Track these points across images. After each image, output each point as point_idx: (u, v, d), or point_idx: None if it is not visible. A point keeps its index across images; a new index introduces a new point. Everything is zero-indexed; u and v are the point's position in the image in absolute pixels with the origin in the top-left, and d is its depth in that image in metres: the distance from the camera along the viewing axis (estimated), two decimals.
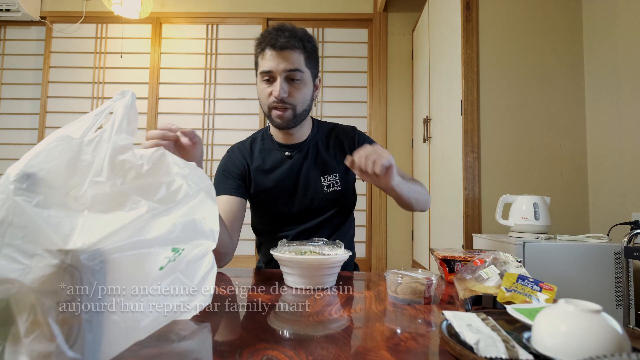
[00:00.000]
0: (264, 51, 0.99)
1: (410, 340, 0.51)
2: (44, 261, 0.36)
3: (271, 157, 1.10)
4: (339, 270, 0.84)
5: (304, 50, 1.01)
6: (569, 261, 1.38)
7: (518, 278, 0.63)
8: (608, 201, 1.72)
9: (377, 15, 3.01)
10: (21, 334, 0.35)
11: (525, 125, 1.87)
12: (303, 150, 1.10)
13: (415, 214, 2.81)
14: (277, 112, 1.01)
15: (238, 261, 2.82)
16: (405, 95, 2.99)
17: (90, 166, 0.45)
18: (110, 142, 0.46)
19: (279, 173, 1.09)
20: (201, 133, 2.97)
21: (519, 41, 1.90)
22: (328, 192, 1.08)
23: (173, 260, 0.50)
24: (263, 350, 0.46)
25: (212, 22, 3.04)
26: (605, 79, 1.76)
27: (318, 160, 1.10)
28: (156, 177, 0.49)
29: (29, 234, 0.37)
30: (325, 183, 1.09)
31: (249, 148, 1.14)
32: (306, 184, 1.09)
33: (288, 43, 0.97)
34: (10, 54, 3.10)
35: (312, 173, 1.09)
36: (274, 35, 0.98)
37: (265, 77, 1.01)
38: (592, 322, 0.40)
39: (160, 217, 0.47)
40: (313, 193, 1.08)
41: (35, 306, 0.36)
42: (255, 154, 1.12)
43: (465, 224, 1.82)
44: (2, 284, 0.35)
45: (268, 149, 1.12)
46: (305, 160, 1.10)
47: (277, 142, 1.12)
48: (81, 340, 0.39)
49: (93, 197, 0.43)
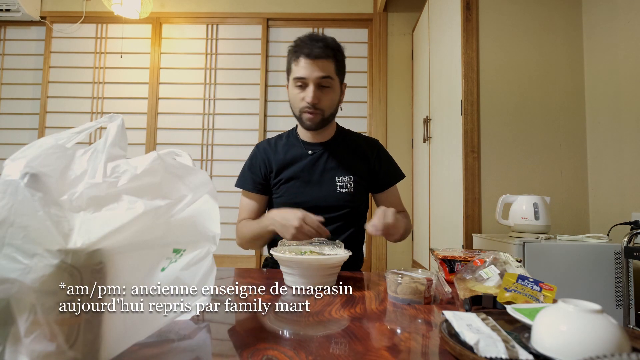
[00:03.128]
0: (299, 59, 1.08)
1: (410, 340, 0.51)
2: (44, 261, 0.36)
3: (293, 151, 1.20)
4: (339, 270, 0.84)
5: (334, 59, 1.10)
6: (569, 261, 1.38)
7: (518, 278, 0.63)
8: (608, 201, 1.72)
9: (377, 15, 3.01)
10: (21, 334, 0.35)
11: (525, 125, 1.87)
12: (324, 149, 1.19)
13: (415, 214, 2.82)
14: (308, 115, 1.10)
15: (238, 261, 2.82)
16: (405, 95, 2.99)
17: (85, 173, 0.45)
18: (105, 152, 0.47)
19: (298, 166, 1.18)
20: (201, 133, 2.97)
21: (519, 41, 1.90)
22: (340, 192, 1.15)
23: (174, 261, 0.50)
24: (263, 350, 0.46)
25: (212, 22, 3.04)
26: (605, 79, 1.76)
27: (336, 161, 1.18)
28: (152, 179, 0.49)
29: (30, 233, 0.37)
30: (339, 183, 1.16)
31: (273, 144, 1.24)
32: (321, 180, 1.16)
33: (322, 53, 1.06)
34: (10, 54, 3.09)
35: (328, 171, 1.17)
36: (309, 44, 1.07)
37: (299, 83, 1.09)
38: (592, 322, 0.40)
39: (159, 217, 0.47)
40: (327, 190, 1.15)
41: (35, 306, 0.36)
42: (278, 149, 1.22)
43: (465, 224, 1.82)
44: (2, 283, 0.35)
45: (292, 145, 1.22)
46: (324, 158, 1.18)
47: (302, 140, 1.21)
48: (81, 340, 0.39)
49: (89, 199, 0.43)
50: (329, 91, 1.10)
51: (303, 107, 1.10)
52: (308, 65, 1.06)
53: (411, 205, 2.90)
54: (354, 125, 2.97)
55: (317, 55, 1.06)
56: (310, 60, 1.06)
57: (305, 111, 1.10)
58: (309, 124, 1.12)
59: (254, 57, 2.98)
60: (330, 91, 1.10)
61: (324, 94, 1.09)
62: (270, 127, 2.92)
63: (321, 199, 1.15)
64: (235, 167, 2.76)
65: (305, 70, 1.07)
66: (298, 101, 1.11)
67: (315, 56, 1.06)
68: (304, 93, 1.09)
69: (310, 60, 1.06)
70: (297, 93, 1.10)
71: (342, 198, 1.15)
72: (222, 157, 2.93)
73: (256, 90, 2.97)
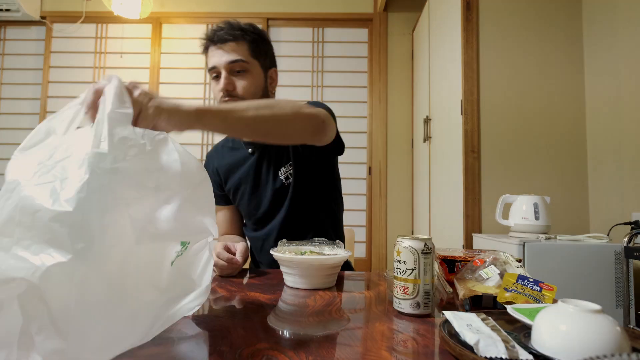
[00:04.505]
0: (208, 49, 1.01)
1: (410, 340, 0.51)
2: (52, 260, 0.36)
3: (236, 154, 1.12)
4: (338, 270, 0.84)
5: (247, 42, 1.00)
6: (569, 261, 1.38)
7: (518, 278, 0.63)
8: (608, 201, 1.72)
9: (377, 15, 3.01)
10: (32, 332, 0.35)
11: (525, 125, 1.87)
12: (263, 145, 1.08)
13: (416, 214, 2.82)
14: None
15: None
16: (405, 95, 2.99)
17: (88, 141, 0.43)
18: (106, 115, 0.45)
19: (242, 171, 1.09)
20: (201, 133, 2.97)
21: (519, 41, 1.90)
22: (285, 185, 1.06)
23: (180, 254, 0.50)
24: (263, 350, 0.46)
25: (212, 22, 3.04)
26: (605, 79, 1.76)
27: (274, 152, 1.07)
28: (158, 161, 0.48)
29: (38, 233, 0.37)
30: (281, 176, 1.06)
31: (220, 148, 1.17)
32: (267, 180, 1.07)
33: (226, 35, 0.98)
34: (10, 54, 3.09)
35: (270, 168, 1.07)
36: (215, 31, 0.99)
37: (214, 75, 1.00)
38: (592, 322, 0.40)
39: (165, 207, 0.47)
40: (273, 189, 1.06)
41: (45, 304, 0.36)
42: (224, 153, 1.14)
43: (465, 224, 1.82)
44: (11, 282, 0.35)
45: (235, 147, 1.13)
46: (265, 154, 1.08)
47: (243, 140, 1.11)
48: (91, 337, 0.39)
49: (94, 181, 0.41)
50: (246, 75, 0.99)
51: (220, 99, 0.99)
52: (215, 52, 0.98)
53: (411, 205, 2.90)
54: (354, 125, 2.97)
55: (222, 39, 0.98)
56: (217, 46, 0.98)
57: (223, 102, 0.98)
58: None
59: None
60: (247, 75, 0.99)
61: (239, 79, 0.99)
62: None
63: (273, 200, 1.06)
64: None
65: (214, 58, 0.99)
66: (217, 93, 1.00)
67: (220, 40, 0.98)
68: (220, 84, 0.98)
69: (217, 46, 0.98)
70: (214, 86, 1.01)
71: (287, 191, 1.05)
72: None
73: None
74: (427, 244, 0.60)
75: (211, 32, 1.00)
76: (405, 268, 0.60)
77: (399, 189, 2.90)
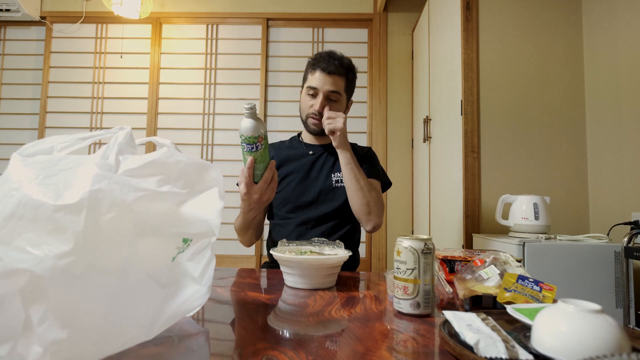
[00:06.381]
0: (315, 71, 1.23)
1: (410, 340, 0.51)
2: (55, 251, 0.37)
3: (295, 151, 1.34)
4: (339, 270, 0.84)
5: (346, 77, 1.25)
6: (569, 261, 1.38)
7: (518, 278, 0.63)
8: (608, 201, 1.72)
9: (377, 15, 3.00)
10: (34, 323, 0.35)
11: (525, 125, 1.87)
12: (324, 150, 1.33)
13: (416, 214, 2.82)
14: (313, 120, 1.25)
15: (238, 261, 2.82)
16: (405, 95, 2.99)
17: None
18: (116, 146, 0.47)
19: (298, 163, 1.31)
20: (201, 133, 2.97)
21: (519, 41, 1.90)
22: (336, 187, 1.26)
23: (182, 251, 0.50)
24: (263, 350, 0.46)
25: (212, 22, 3.04)
26: (605, 78, 1.76)
27: (333, 159, 1.30)
28: (162, 168, 0.49)
29: (41, 225, 0.38)
30: (334, 178, 1.27)
31: (277, 145, 1.40)
32: (318, 176, 1.28)
33: (336, 70, 1.21)
34: (10, 54, 3.09)
35: (325, 168, 1.29)
36: (327, 60, 1.22)
37: (311, 92, 1.24)
38: (592, 322, 0.40)
39: (168, 203, 0.48)
40: (323, 185, 1.26)
41: (46, 296, 0.36)
42: (282, 148, 1.37)
43: (465, 224, 1.82)
44: (14, 275, 0.35)
45: (295, 147, 1.37)
46: (323, 158, 1.31)
47: (304, 143, 1.36)
48: (92, 328, 0.39)
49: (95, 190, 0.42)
50: (336, 105, 1.24)
51: (310, 113, 1.25)
52: (322, 78, 1.21)
53: (411, 205, 2.90)
54: (354, 125, 2.97)
55: (331, 71, 1.20)
56: (325, 74, 1.21)
57: (311, 117, 1.25)
58: (313, 128, 1.27)
59: (254, 57, 2.98)
60: (336, 105, 1.24)
61: (330, 106, 1.22)
62: (271, 127, 2.92)
63: (318, 192, 1.25)
64: (235, 167, 2.76)
65: (318, 81, 1.21)
66: (307, 107, 1.26)
67: (329, 71, 1.20)
68: (313, 101, 1.23)
69: (325, 74, 1.21)
70: (307, 100, 1.25)
71: (337, 191, 1.25)
72: (222, 157, 2.93)
73: (256, 91, 2.97)
74: (427, 244, 0.60)
75: (325, 60, 1.22)
76: (406, 268, 0.60)
77: (399, 189, 2.89)
